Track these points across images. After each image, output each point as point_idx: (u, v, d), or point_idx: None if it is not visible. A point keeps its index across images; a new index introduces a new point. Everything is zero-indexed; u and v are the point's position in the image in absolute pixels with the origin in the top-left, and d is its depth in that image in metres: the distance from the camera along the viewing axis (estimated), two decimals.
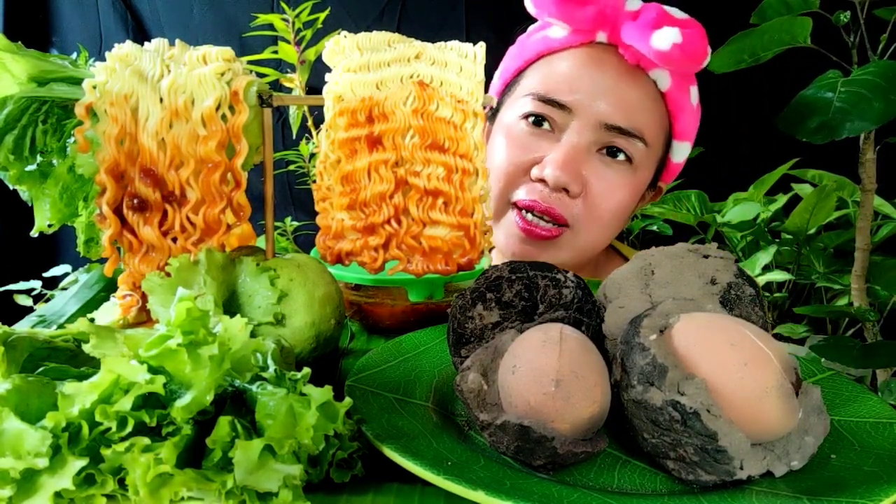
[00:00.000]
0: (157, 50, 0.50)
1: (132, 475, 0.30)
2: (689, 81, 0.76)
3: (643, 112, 0.73)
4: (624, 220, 0.79)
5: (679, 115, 0.75)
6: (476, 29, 1.59)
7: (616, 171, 0.74)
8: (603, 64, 0.73)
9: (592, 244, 0.78)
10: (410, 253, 0.54)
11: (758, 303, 0.43)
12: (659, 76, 0.74)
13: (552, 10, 0.75)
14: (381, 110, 0.52)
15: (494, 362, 0.40)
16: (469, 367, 0.39)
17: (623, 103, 0.72)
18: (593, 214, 0.74)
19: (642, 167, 0.75)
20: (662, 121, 0.76)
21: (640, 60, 0.72)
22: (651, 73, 0.74)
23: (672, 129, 0.77)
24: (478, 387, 0.38)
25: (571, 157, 0.71)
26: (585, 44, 0.75)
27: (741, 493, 0.33)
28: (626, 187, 0.75)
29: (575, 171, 0.71)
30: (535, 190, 0.73)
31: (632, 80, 0.73)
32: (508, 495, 0.31)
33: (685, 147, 0.79)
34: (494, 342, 0.41)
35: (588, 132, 0.72)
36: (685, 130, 0.77)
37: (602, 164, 0.73)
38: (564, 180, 0.71)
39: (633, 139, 0.73)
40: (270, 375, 0.36)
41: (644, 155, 0.74)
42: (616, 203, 0.75)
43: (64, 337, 0.42)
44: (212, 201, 0.49)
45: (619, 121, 0.72)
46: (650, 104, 0.74)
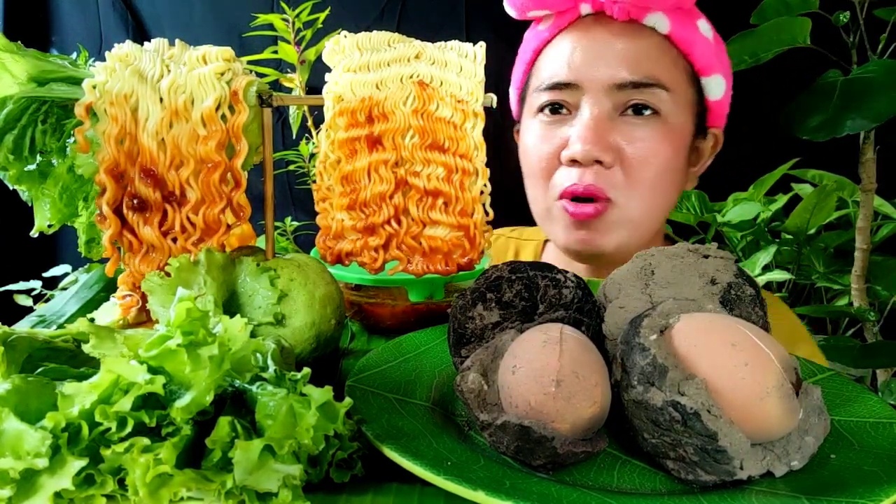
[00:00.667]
0: (157, 50, 0.50)
1: (132, 475, 0.30)
2: (693, 17, 0.73)
3: (649, 59, 0.70)
4: (673, 178, 0.74)
5: (693, 51, 0.72)
6: (476, 29, 1.59)
7: (646, 128, 0.70)
8: (592, 31, 0.72)
9: (644, 214, 0.73)
10: (410, 253, 0.54)
11: (758, 303, 0.43)
12: (656, 21, 0.71)
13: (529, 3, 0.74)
14: (381, 110, 0.52)
15: (494, 362, 0.40)
16: (469, 367, 0.39)
17: (625, 58, 0.70)
18: (636, 179, 0.71)
19: (674, 115, 0.71)
20: (677, 62, 0.72)
21: (630, 14, 0.70)
22: (646, 21, 0.71)
23: (693, 68, 0.73)
24: (478, 387, 0.38)
25: (593, 128, 0.69)
26: (573, 22, 0.74)
27: (741, 493, 0.33)
28: (663, 141, 0.71)
29: (602, 140, 0.69)
30: (571, 174, 0.71)
31: (628, 34, 0.71)
32: (508, 495, 0.31)
33: (716, 81, 0.74)
34: (494, 342, 0.41)
35: (602, 99, 0.70)
36: (708, 65, 0.73)
37: (629, 125, 0.70)
38: (593, 152, 0.69)
39: (651, 88, 0.70)
40: (270, 376, 0.36)
41: (670, 102, 0.71)
42: (658, 160, 0.71)
43: (64, 337, 0.42)
44: (212, 201, 0.49)
45: (627, 76, 0.69)
46: (655, 50, 0.71)
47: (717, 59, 0.74)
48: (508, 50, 1.73)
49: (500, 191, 0.57)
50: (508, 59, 1.63)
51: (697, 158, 0.78)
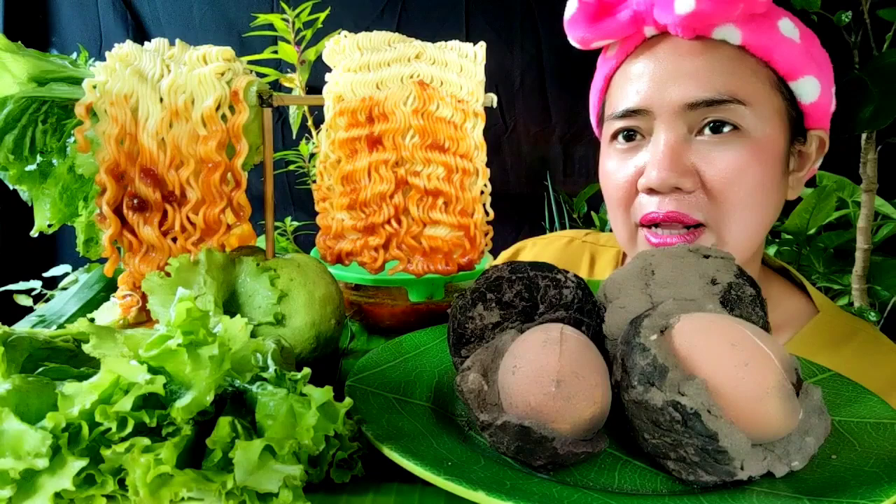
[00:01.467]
0: (157, 50, 0.50)
1: (132, 476, 0.30)
2: (772, 18, 0.68)
3: (722, 74, 0.66)
4: (767, 194, 0.68)
5: (773, 56, 0.67)
6: (476, 29, 1.59)
7: (726, 146, 0.66)
8: (659, 53, 0.69)
9: (741, 236, 0.68)
10: (411, 253, 0.54)
11: (758, 303, 0.43)
12: (726, 34, 0.66)
13: (588, 34, 0.72)
14: (382, 110, 0.52)
15: (495, 362, 0.40)
16: (469, 368, 0.39)
17: (695, 76, 0.66)
18: (725, 202, 0.66)
19: (758, 129, 0.67)
20: (757, 72, 0.68)
21: (696, 30, 0.66)
22: (715, 35, 0.67)
23: (777, 74, 0.69)
24: (478, 387, 0.38)
25: (669, 153, 0.66)
26: (640, 45, 0.71)
27: (742, 493, 0.33)
28: (749, 158, 0.66)
29: (678, 165, 0.65)
30: (651, 202, 0.68)
31: (695, 51, 0.67)
32: (509, 495, 0.31)
33: (808, 83, 0.69)
34: (495, 342, 0.41)
35: (675, 122, 0.67)
36: (793, 68, 0.68)
37: (708, 145, 0.67)
38: (671, 179, 0.65)
39: (727, 105, 0.65)
40: (270, 376, 0.36)
41: (752, 116, 0.66)
42: (745, 180, 0.66)
43: (64, 337, 0.41)
44: (212, 201, 0.49)
45: (698, 94, 0.66)
46: (728, 63, 0.67)
47: (806, 59, 0.69)
48: (508, 50, 1.73)
49: (501, 191, 0.57)
50: (508, 59, 1.64)
51: (802, 163, 0.73)
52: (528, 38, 1.60)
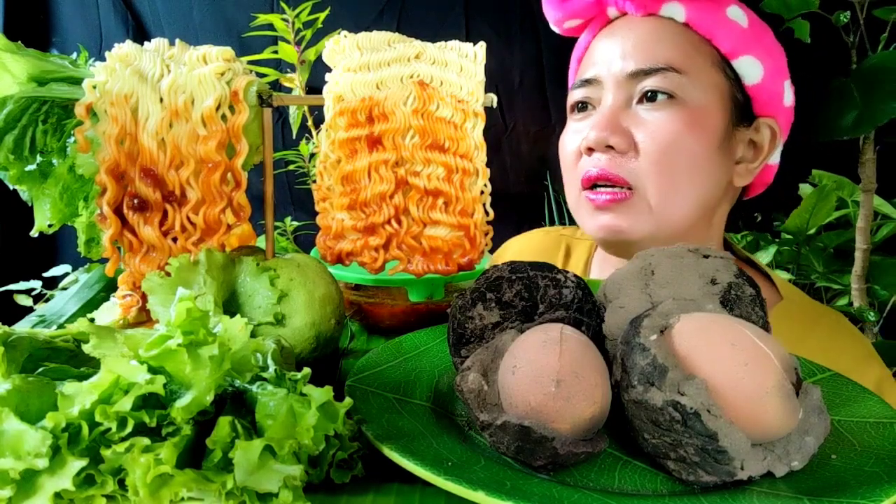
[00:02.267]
0: (157, 50, 0.50)
1: (132, 476, 0.30)
2: (720, 4, 0.73)
3: (662, 45, 0.71)
4: (705, 169, 0.71)
5: (716, 34, 0.72)
6: (476, 29, 1.59)
7: (661, 112, 0.70)
8: (614, 31, 0.76)
9: (669, 202, 0.71)
10: (411, 253, 0.54)
11: (758, 303, 0.43)
12: (672, 11, 0.72)
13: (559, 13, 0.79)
14: (382, 110, 0.52)
15: (494, 362, 0.40)
16: (469, 368, 0.39)
17: (635, 47, 0.72)
18: (654, 165, 0.70)
19: (694, 99, 0.70)
20: (699, 48, 0.72)
21: (647, 8, 0.73)
22: (662, 12, 0.73)
23: (720, 52, 0.72)
24: (478, 387, 0.38)
25: (607, 114, 0.71)
26: (603, 27, 0.78)
27: (742, 493, 0.33)
28: (677, 122, 0.69)
29: (614, 125, 0.70)
30: (589, 162, 0.73)
31: (642, 27, 0.73)
32: (509, 496, 0.31)
33: (749, 63, 0.72)
34: (494, 342, 0.41)
35: (615, 90, 0.72)
36: (735, 47, 0.72)
37: (644, 111, 0.71)
38: (604, 136, 0.70)
39: (661, 73, 0.70)
40: (270, 375, 0.36)
41: (688, 84, 0.70)
42: (676, 145, 0.69)
43: (64, 337, 0.41)
44: (212, 201, 0.49)
45: (636, 64, 0.71)
46: (670, 37, 0.72)
47: (749, 43, 0.72)
48: (508, 50, 1.73)
49: (501, 191, 0.57)
50: (508, 59, 1.63)
51: (756, 154, 0.76)
52: (528, 38, 1.60)
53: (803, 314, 0.75)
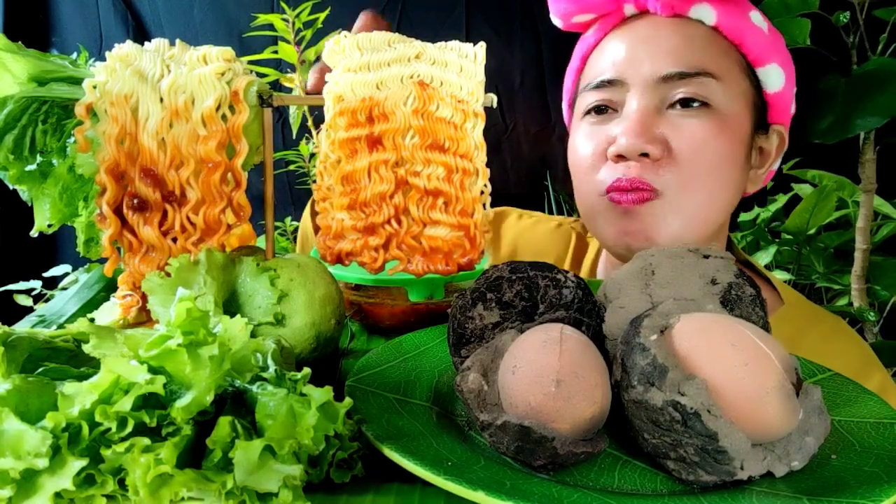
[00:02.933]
0: (158, 50, 0.50)
1: (132, 475, 0.30)
2: (744, 8, 0.71)
3: (695, 49, 0.69)
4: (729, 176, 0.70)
5: (745, 41, 0.70)
6: (476, 29, 1.59)
7: (696, 119, 0.68)
8: (636, 30, 0.72)
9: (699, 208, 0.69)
10: (411, 253, 0.54)
11: (758, 303, 0.43)
12: (701, 13, 0.70)
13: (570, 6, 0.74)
14: (382, 110, 0.52)
15: (494, 362, 0.40)
16: (469, 368, 0.39)
17: (669, 50, 0.69)
18: (689, 171, 0.68)
19: (726, 105, 0.69)
20: (728, 53, 0.70)
21: (674, 8, 0.70)
22: (691, 14, 0.70)
23: (747, 59, 0.72)
24: (478, 387, 0.38)
25: (640, 121, 0.68)
26: (618, 24, 0.74)
27: (742, 493, 0.33)
28: (716, 132, 0.68)
29: (647, 132, 0.67)
30: (618, 170, 0.69)
31: (672, 28, 0.70)
32: (509, 496, 0.31)
33: (774, 71, 0.72)
34: (494, 342, 0.41)
35: (648, 92, 0.69)
36: (762, 55, 0.71)
37: (678, 117, 0.68)
38: (639, 144, 0.67)
39: (699, 78, 0.68)
40: (270, 376, 0.36)
41: (721, 92, 0.68)
42: (711, 152, 0.68)
43: (64, 337, 0.41)
44: (212, 201, 0.49)
45: (672, 66, 0.68)
46: (701, 41, 0.70)
47: (773, 50, 0.72)
48: (508, 50, 1.73)
49: (501, 191, 0.57)
50: (508, 59, 1.63)
51: (763, 160, 0.76)
52: (528, 38, 1.60)
53: (804, 319, 0.75)
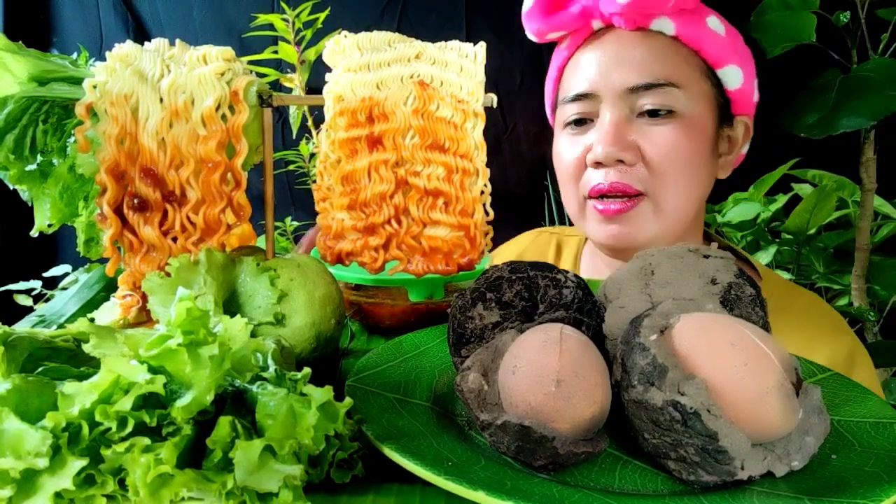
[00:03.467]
0: (158, 50, 0.50)
1: (132, 475, 0.30)
2: (701, 15, 0.77)
3: (658, 61, 0.74)
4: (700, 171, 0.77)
5: (703, 47, 0.76)
6: (476, 29, 1.59)
7: (664, 127, 0.74)
8: (605, 44, 0.77)
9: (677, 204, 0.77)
10: (411, 253, 0.54)
11: (758, 303, 0.43)
12: (662, 26, 0.75)
13: (543, 26, 0.81)
14: (382, 110, 0.52)
15: (495, 362, 0.40)
16: (469, 368, 0.39)
17: (635, 63, 0.74)
18: (662, 174, 0.74)
19: (690, 109, 0.75)
20: (689, 59, 0.76)
21: (636, 22, 0.75)
22: (652, 26, 0.76)
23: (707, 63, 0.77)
24: (478, 387, 0.38)
25: (612, 130, 0.74)
26: (588, 38, 0.80)
27: (742, 493, 0.33)
28: (683, 136, 0.74)
29: (621, 140, 0.73)
30: (597, 175, 0.76)
31: (634, 41, 0.76)
32: (509, 495, 0.31)
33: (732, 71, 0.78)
34: (495, 342, 0.41)
35: (617, 103, 0.75)
36: (720, 58, 0.77)
37: (647, 125, 0.74)
38: (614, 151, 0.73)
39: (663, 88, 0.74)
40: (271, 375, 0.36)
41: (684, 98, 0.75)
42: (680, 154, 0.75)
43: (64, 337, 0.41)
44: (212, 201, 0.49)
45: (637, 79, 0.74)
46: (663, 52, 0.75)
47: (730, 51, 0.77)
48: (508, 50, 1.73)
49: (501, 191, 0.57)
50: (508, 59, 1.63)
51: (731, 147, 0.81)
52: (528, 38, 1.60)
53: (780, 293, 0.80)
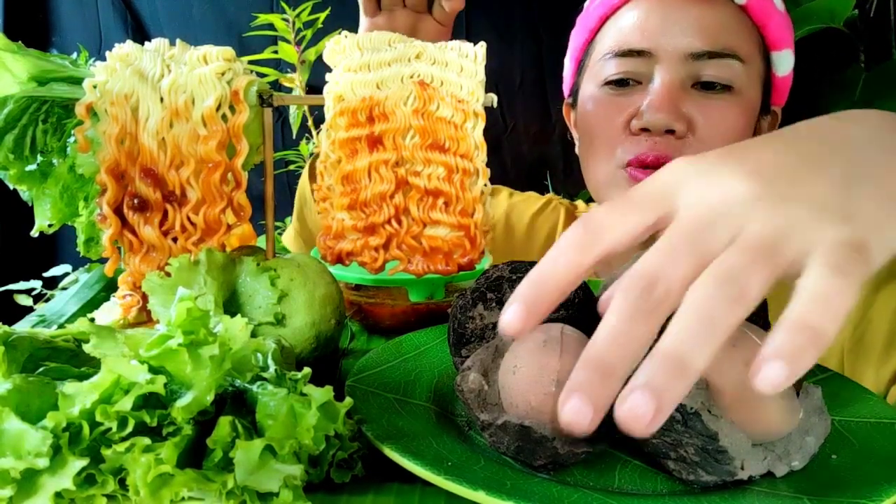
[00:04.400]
0: (158, 49, 0.50)
1: (133, 475, 0.30)
2: None
3: (726, 29, 0.69)
4: None
5: (768, 24, 0.71)
6: (476, 29, 1.59)
7: (719, 101, 0.68)
8: (662, 2, 0.71)
9: None
10: (411, 253, 0.54)
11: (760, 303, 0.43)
12: None
13: None
14: (382, 110, 0.52)
15: (495, 362, 0.40)
16: (469, 367, 0.39)
17: (701, 27, 0.68)
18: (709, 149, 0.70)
19: (746, 89, 0.70)
20: (752, 34, 0.71)
21: None
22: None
23: (766, 41, 0.72)
24: (478, 387, 0.38)
25: (667, 96, 0.67)
26: None
27: (742, 493, 0.33)
28: (735, 114, 0.69)
29: (675, 108, 0.67)
30: (640, 142, 0.69)
31: (703, 3, 0.69)
32: (509, 495, 0.31)
33: (785, 56, 0.73)
34: (495, 342, 0.41)
35: (676, 68, 0.68)
36: (779, 38, 0.72)
37: (703, 97, 0.69)
38: (667, 120, 0.67)
39: (726, 59, 0.68)
40: (271, 375, 0.36)
41: (743, 74, 0.69)
42: (729, 134, 0.68)
43: (64, 337, 0.41)
44: (212, 201, 0.49)
45: (703, 45, 0.68)
46: (731, 20, 0.69)
47: (787, 34, 0.72)
48: (508, 50, 1.73)
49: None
50: (508, 59, 1.63)
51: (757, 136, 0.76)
52: (528, 38, 1.60)
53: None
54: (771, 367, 0.24)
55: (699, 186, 0.29)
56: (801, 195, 0.29)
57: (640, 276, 0.27)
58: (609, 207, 0.30)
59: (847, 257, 0.26)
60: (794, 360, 0.24)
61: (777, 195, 0.28)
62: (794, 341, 0.24)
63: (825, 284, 0.25)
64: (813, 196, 0.29)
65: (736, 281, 0.26)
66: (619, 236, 0.30)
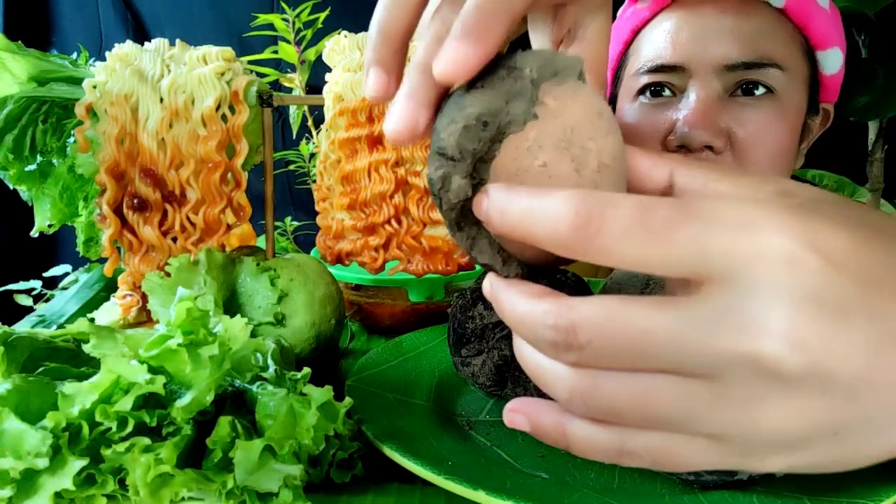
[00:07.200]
0: (158, 50, 0.50)
1: (132, 475, 0.30)
2: None
3: (764, 37, 0.66)
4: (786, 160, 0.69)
5: (810, 24, 0.67)
6: None
7: (758, 108, 0.66)
8: (699, 8, 0.68)
9: None
10: (411, 253, 0.54)
11: None
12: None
13: None
14: (382, 110, 0.52)
15: None
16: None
17: (736, 36, 0.65)
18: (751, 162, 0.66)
19: (788, 93, 0.67)
20: (793, 38, 0.68)
21: None
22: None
23: (809, 42, 0.69)
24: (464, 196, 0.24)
25: (703, 111, 0.65)
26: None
27: (742, 493, 0.33)
28: (778, 121, 0.66)
29: (712, 124, 0.64)
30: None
31: (738, 9, 0.66)
32: (509, 495, 0.31)
33: (833, 54, 0.69)
34: None
35: (712, 81, 0.66)
36: (825, 37, 0.68)
37: (740, 106, 0.65)
38: (704, 137, 0.64)
39: (765, 69, 0.65)
40: (270, 375, 0.36)
41: (785, 81, 0.66)
42: (771, 142, 0.66)
43: (64, 337, 0.41)
44: (212, 201, 0.49)
45: (739, 56, 0.65)
46: (769, 26, 0.66)
47: (834, 31, 0.69)
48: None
49: None
50: None
51: (804, 137, 0.73)
52: (528, 38, 1.60)
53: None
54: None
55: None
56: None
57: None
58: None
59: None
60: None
61: None
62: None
63: None
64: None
65: None
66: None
